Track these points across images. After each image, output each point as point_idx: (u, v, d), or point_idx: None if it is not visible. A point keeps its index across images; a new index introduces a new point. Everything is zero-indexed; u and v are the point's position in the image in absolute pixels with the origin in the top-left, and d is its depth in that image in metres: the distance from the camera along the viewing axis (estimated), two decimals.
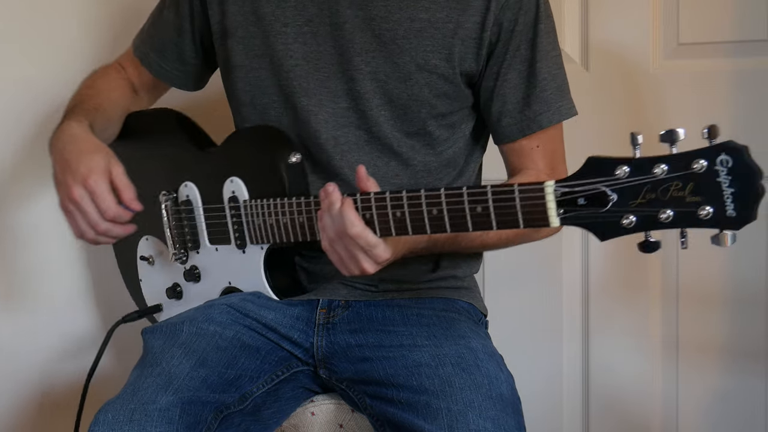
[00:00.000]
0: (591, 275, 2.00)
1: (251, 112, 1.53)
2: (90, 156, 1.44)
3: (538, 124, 1.48)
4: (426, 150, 1.51)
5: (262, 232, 1.44)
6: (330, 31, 1.46)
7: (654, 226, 1.05)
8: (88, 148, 1.46)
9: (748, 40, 1.85)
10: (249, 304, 1.48)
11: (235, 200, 1.48)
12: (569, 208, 1.09)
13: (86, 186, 1.42)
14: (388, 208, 1.23)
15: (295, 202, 1.38)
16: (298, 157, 1.44)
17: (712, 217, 1.01)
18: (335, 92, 1.47)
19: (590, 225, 1.08)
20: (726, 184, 1.00)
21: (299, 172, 1.44)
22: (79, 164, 1.43)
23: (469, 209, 1.17)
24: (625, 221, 1.06)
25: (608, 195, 1.06)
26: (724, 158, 1.00)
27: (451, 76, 1.46)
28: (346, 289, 1.50)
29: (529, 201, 1.12)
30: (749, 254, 1.87)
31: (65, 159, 1.45)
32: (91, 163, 1.43)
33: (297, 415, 1.48)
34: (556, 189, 1.09)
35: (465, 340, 1.39)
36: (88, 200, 1.42)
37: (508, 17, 1.44)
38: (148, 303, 1.69)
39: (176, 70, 1.67)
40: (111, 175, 1.43)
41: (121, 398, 1.30)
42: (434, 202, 1.20)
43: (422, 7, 1.44)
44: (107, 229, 1.44)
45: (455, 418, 1.26)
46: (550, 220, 1.11)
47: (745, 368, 1.91)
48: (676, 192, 1.02)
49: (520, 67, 1.46)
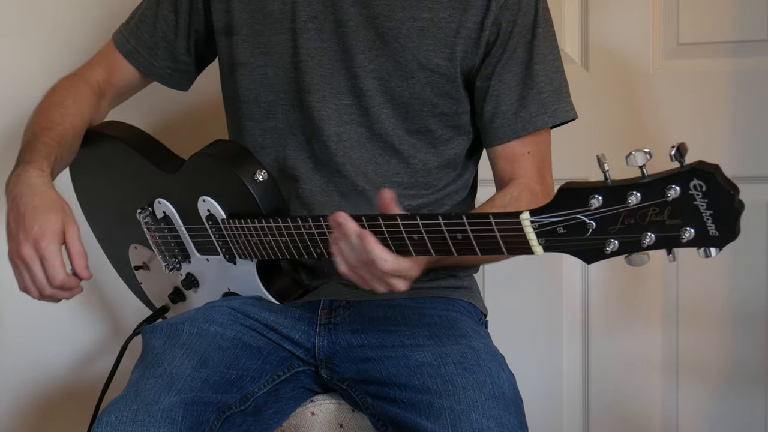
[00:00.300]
0: (591, 275, 2.00)
1: (255, 109, 1.53)
2: (46, 215, 1.37)
3: (533, 125, 1.47)
4: (427, 149, 1.51)
5: (248, 249, 1.42)
6: (334, 27, 1.46)
7: (638, 248, 1.03)
8: (45, 204, 1.38)
9: (748, 40, 1.86)
10: (250, 306, 1.47)
11: (214, 219, 1.44)
12: (550, 237, 1.08)
13: (37, 249, 1.36)
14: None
15: (274, 225, 1.35)
16: (264, 174, 1.40)
17: (695, 238, 1.00)
18: (338, 88, 1.48)
19: (574, 252, 1.07)
20: (704, 207, 0.98)
21: (269, 188, 1.40)
22: (34, 222, 1.36)
23: (450, 237, 1.16)
24: (609, 247, 1.04)
25: (586, 223, 1.04)
26: (696, 183, 0.98)
27: (453, 76, 1.46)
28: (348, 289, 1.50)
29: (508, 231, 1.11)
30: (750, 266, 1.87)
31: (20, 211, 1.38)
32: (45, 224, 1.36)
33: (297, 415, 1.48)
34: (533, 221, 1.08)
35: (467, 340, 1.39)
36: (38, 263, 1.36)
37: (506, 18, 1.44)
38: (153, 301, 1.69)
39: (167, 68, 1.64)
40: (65, 237, 1.38)
41: (124, 399, 1.30)
42: (413, 229, 1.19)
43: (425, 6, 1.44)
44: (53, 294, 1.40)
45: (458, 418, 1.26)
46: (533, 249, 1.10)
47: (745, 368, 1.91)
48: (655, 216, 1.01)
49: (516, 68, 1.46)
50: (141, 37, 1.62)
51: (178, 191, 1.49)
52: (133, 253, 1.66)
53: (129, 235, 1.62)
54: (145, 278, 1.67)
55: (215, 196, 1.43)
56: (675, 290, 1.93)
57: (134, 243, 1.63)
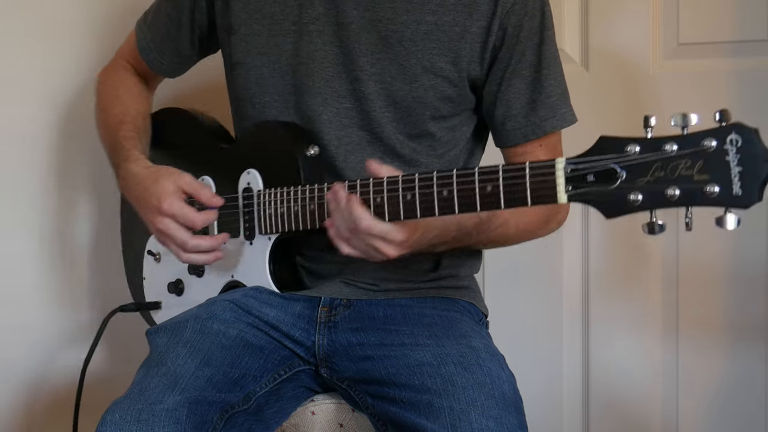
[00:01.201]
0: (591, 275, 2.00)
1: (250, 109, 1.53)
2: (155, 186, 1.46)
3: (543, 130, 1.48)
4: (428, 152, 1.51)
5: (271, 221, 1.45)
6: (336, 30, 1.46)
7: (661, 203, 1.06)
8: (151, 180, 1.47)
9: (748, 40, 1.85)
10: (251, 299, 1.48)
11: (249, 190, 1.49)
12: (578, 184, 1.11)
13: (163, 213, 1.43)
14: (399, 191, 1.26)
15: (308, 188, 1.39)
16: (316, 149, 1.46)
17: (718, 195, 1.02)
18: (339, 92, 1.48)
19: (597, 202, 1.10)
20: (734, 163, 1.01)
21: (316, 165, 1.46)
22: (150, 198, 1.45)
23: (479, 188, 1.19)
24: (632, 196, 1.07)
25: (617, 172, 1.07)
26: (733, 137, 1.02)
27: (457, 80, 1.46)
28: (348, 288, 1.51)
29: (539, 178, 1.14)
30: (750, 250, 1.87)
31: (139, 201, 1.49)
32: (158, 191, 1.45)
33: (297, 415, 1.48)
34: (566, 165, 1.11)
35: (467, 340, 1.39)
36: (171, 223, 1.44)
37: (512, 22, 1.44)
38: (147, 295, 1.70)
39: (173, 63, 1.69)
40: (182, 187, 1.45)
41: (128, 398, 1.30)
42: (445, 183, 1.22)
43: (429, 9, 1.44)
44: (196, 245, 1.45)
45: (458, 417, 1.26)
46: (558, 196, 1.12)
47: (745, 368, 1.91)
48: (685, 170, 1.04)
49: (525, 72, 1.47)
50: (151, 34, 1.67)
51: (226, 164, 1.54)
52: (152, 241, 1.67)
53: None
54: (150, 269, 1.68)
55: (260, 168, 1.48)
56: (675, 290, 1.93)
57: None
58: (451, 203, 1.22)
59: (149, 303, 1.66)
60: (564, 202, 1.12)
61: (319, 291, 1.51)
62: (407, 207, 1.25)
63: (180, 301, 1.61)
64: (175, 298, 1.63)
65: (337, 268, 1.51)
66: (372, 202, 1.27)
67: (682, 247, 1.91)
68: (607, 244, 1.99)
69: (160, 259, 1.66)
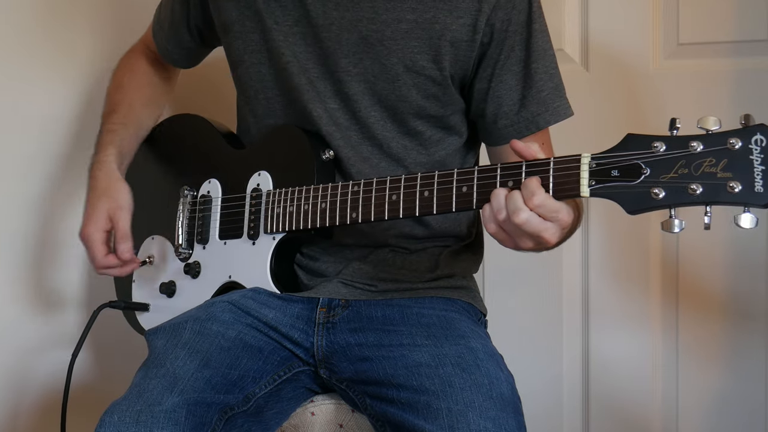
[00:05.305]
0: (591, 275, 2.00)
1: (257, 106, 1.54)
2: (95, 200, 1.56)
3: (536, 125, 1.47)
4: (418, 149, 1.51)
5: (278, 221, 1.46)
6: (317, 32, 1.46)
7: (682, 200, 1.08)
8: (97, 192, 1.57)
9: (748, 40, 1.85)
10: (249, 301, 1.48)
11: (258, 191, 1.50)
12: (601, 178, 1.12)
13: (81, 236, 1.56)
14: (417, 188, 1.29)
15: (321, 186, 1.42)
16: (331, 153, 1.47)
17: (739, 192, 1.05)
18: (324, 93, 1.48)
19: (619, 196, 1.11)
20: (758, 162, 1.04)
21: (329, 169, 1.47)
22: (88, 209, 1.57)
23: (500, 184, 1.21)
24: (655, 191, 1.08)
25: (642, 168, 1.09)
26: (758, 138, 1.04)
27: (440, 78, 1.45)
28: (347, 289, 1.50)
29: (563, 172, 1.15)
30: (751, 250, 1.87)
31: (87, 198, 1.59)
32: (93, 212, 1.56)
33: (297, 416, 1.48)
34: (591, 160, 1.13)
35: (465, 340, 1.39)
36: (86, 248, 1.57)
37: (500, 17, 1.43)
38: (134, 296, 1.69)
39: (179, 53, 1.72)
40: (111, 222, 1.55)
41: (126, 399, 1.30)
42: (466, 178, 1.25)
43: (409, 7, 1.43)
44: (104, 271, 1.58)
45: (456, 418, 1.26)
46: (581, 189, 1.14)
47: (745, 368, 1.91)
48: (709, 168, 1.06)
49: (515, 68, 1.45)
50: (162, 18, 1.70)
51: (236, 166, 1.56)
52: (147, 245, 1.67)
53: (153, 224, 1.65)
54: (141, 273, 1.67)
55: (272, 170, 1.51)
56: (675, 291, 1.93)
57: (154, 234, 1.66)
58: (470, 199, 1.25)
59: (137, 303, 1.66)
60: (587, 195, 1.14)
61: (317, 292, 1.51)
62: (423, 203, 1.28)
63: (170, 304, 1.61)
64: (165, 300, 1.62)
65: (336, 268, 1.51)
66: (387, 199, 1.32)
67: (682, 248, 1.91)
68: (607, 244, 1.99)
69: (153, 263, 1.66)
